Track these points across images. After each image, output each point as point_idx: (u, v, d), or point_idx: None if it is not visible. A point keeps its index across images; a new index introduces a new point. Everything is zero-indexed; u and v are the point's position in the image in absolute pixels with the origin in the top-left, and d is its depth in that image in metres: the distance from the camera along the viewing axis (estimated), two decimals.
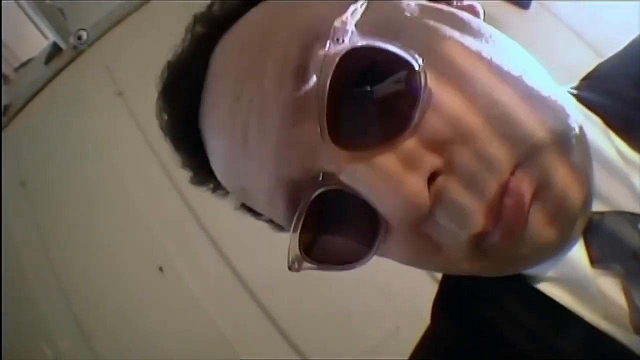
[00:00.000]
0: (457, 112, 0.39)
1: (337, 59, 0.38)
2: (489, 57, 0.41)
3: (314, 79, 0.41)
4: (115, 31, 1.79)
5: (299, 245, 0.43)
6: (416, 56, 0.39)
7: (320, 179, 0.42)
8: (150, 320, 1.49)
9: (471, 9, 0.49)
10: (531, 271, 0.47)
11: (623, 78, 0.53)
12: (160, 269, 1.50)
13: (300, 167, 0.42)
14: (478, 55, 0.41)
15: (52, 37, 1.81)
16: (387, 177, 0.39)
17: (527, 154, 0.39)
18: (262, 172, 0.44)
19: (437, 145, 0.40)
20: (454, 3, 0.49)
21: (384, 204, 0.40)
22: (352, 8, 0.43)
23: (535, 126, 0.40)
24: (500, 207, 0.39)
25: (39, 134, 1.77)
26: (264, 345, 1.38)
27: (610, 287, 0.45)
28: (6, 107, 1.84)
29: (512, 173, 0.39)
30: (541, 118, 0.40)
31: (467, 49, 0.42)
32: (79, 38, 1.76)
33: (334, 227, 0.45)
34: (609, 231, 0.45)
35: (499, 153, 0.39)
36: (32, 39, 1.98)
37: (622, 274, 0.45)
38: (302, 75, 0.41)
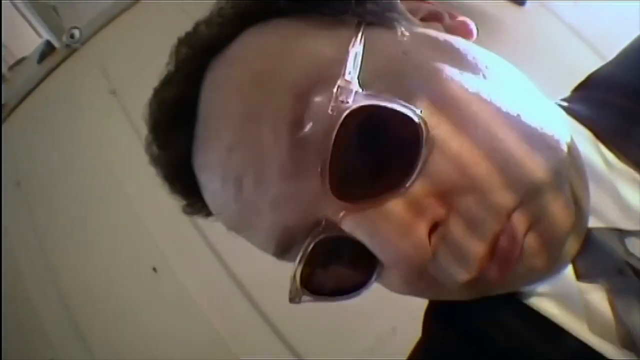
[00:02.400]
0: (459, 162, 0.40)
1: (340, 120, 0.39)
2: (488, 98, 0.42)
3: (312, 130, 0.41)
4: (108, 29, 1.78)
5: (300, 282, 0.45)
6: (417, 111, 0.40)
7: (322, 226, 0.43)
8: (146, 321, 1.49)
9: (464, 27, 0.50)
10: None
11: (616, 86, 0.53)
12: (154, 269, 1.49)
13: (298, 217, 0.43)
14: (478, 97, 0.42)
15: (46, 35, 1.80)
16: (388, 232, 0.40)
17: (525, 196, 0.40)
18: (258, 217, 0.45)
19: (439, 194, 0.41)
20: (446, 21, 0.50)
21: (385, 257, 0.42)
22: (352, 54, 0.43)
23: (534, 169, 0.41)
24: (497, 244, 0.40)
25: (33, 133, 1.76)
26: (259, 346, 1.38)
27: (597, 302, 0.46)
28: (1, 106, 1.84)
29: (509, 215, 0.40)
30: (539, 159, 0.41)
31: (467, 91, 0.42)
32: (72, 36, 1.75)
33: (332, 264, 0.46)
34: (594, 247, 0.45)
35: (499, 199, 0.40)
36: (29, 37, 1.97)
37: (608, 289, 0.45)
38: (299, 127, 0.41)
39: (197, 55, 0.50)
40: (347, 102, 0.39)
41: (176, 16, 0.50)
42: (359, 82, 0.41)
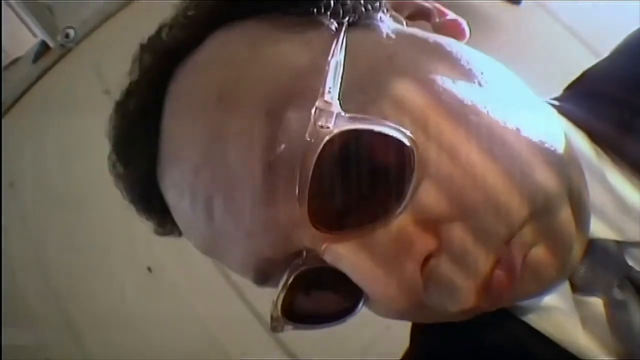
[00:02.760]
0: (453, 187, 0.37)
1: (319, 148, 0.35)
2: (485, 110, 0.38)
3: (287, 154, 0.37)
4: (102, 29, 1.77)
5: (281, 311, 0.41)
6: (406, 132, 0.36)
7: (303, 257, 0.40)
8: (141, 321, 1.48)
9: (455, 27, 0.46)
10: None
11: (613, 79, 0.50)
12: (149, 269, 1.49)
13: (275, 247, 0.40)
14: (474, 110, 0.38)
15: (40, 35, 1.80)
16: (375, 264, 0.37)
17: (529, 217, 0.37)
18: (231, 245, 0.41)
19: (430, 223, 0.37)
20: (435, 19, 0.46)
21: (372, 294, 0.38)
22: (332, 65, 0.38)
23: (537, 188, 0.38)
24: (491, 279, 0.37)
25: (27, 133, 1.76)
26: (254, 346, 1.37)
27: (594, 316, 0.43)
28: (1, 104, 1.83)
29: (508, 242, 0.37)
30: (542, 175, 0.38)
31: (461, 103, 0.38)
32: (67, 36, 1.75)
33: (315, 291, 0.43)
34: (592, 259, 0.43)
35: (495, 227, 0.37)
36: (25, 37, 1.96)
37: (607, 303, 0.43)
38: (272, 149, 0.37)
39: (160, 62, 0.46)
40: (327, 127, 0.35)
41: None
42: (339, 99, 0.37)
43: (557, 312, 0.45)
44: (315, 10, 0.42)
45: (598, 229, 0.44)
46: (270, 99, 0.38)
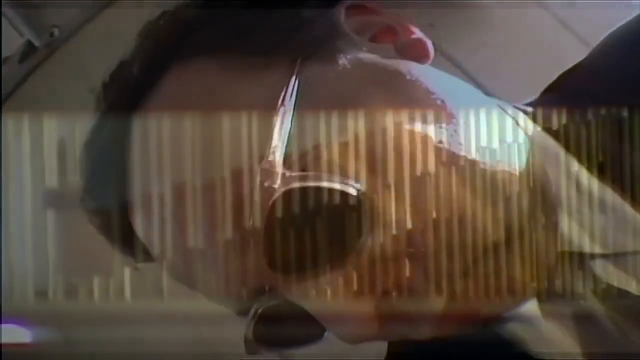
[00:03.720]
0: (403, 231, 0.39)
1: (268, 205, 0.38)
2: (442, 145, 0.40)
3: (247, 206, 0.40)
4: (88, 28, 1.76)
5: (253, 337, 0.45)
6: (355, 185, 0.38)
7: (267, 293, 0.43)
8: (131, 320, 1.48)
9: (420, 48, 0.46)
10: None
11: (592, 82, 0.50)
12: (136, 267, 1.48)
13: (248, 290, 0.43)
14: (430, 145, 0.40)
15: (26, 34, 1.79)
16: (333, 303, 0.40)
17: (482, 254, 0.39)
18: (208, 287, 0.46)
19: (383, 263, 0.40)
20: (401, 39, 0.46)
21: (333, 329, 0.42)
22: (279, 116, 0.40)
23: (495, 225, 0.39)
24: (449, 312, 0.39)
25: (15, 134, 1.75)
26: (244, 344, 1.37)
27: (558, 327, 0.44)
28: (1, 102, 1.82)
29: (465, 274, 0.39)
30: (502, 211, 0.39)
31: (417, 143, 0.39)
32: (52, 35, 1.74)
33: (286, 319, 0.44)
34: (561, 271, 0.43)
35: (449, 265, 0.39)
36: (14, 36, 1.95)
37: (572, 315, 0.44)
38: (238, 206, 0.41)
39: (122, 101, 0.48)
40: (273, 187, 0.38)
41: (156, 14, 0.50)
42: (285, 154, 0.39)
43: (526, 322, 0.45)
44: (266, 49, 0.44)
45: (571, 236, 0.44)
46: (232, 156, 0.41)
